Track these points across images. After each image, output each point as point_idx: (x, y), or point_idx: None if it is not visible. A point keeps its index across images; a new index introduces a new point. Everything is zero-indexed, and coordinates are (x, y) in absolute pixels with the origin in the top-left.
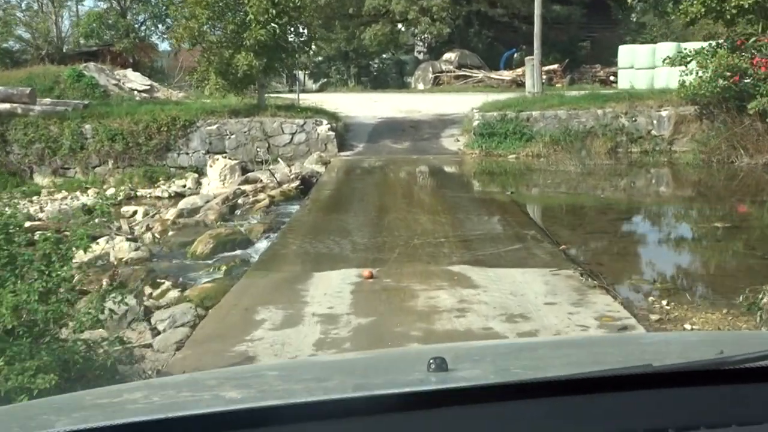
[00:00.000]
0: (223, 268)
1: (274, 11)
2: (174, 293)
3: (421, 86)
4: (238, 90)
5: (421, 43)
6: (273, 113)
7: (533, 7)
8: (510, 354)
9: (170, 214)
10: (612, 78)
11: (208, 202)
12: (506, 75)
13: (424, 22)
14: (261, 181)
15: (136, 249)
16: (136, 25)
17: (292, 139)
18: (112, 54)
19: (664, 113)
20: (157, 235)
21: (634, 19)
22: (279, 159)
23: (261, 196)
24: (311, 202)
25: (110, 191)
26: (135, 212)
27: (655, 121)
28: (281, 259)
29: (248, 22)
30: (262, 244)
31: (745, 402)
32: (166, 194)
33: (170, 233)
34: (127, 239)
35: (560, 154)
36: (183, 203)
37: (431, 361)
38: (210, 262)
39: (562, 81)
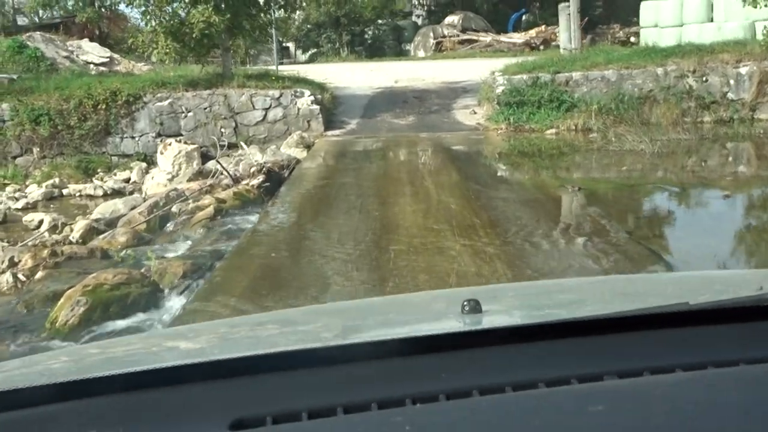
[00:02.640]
0: None
1: None
2: None
3: (421, 53)
4: (197, 55)
5: (419, 7)
6: (241, 84)
7: None
8: (545, 294)
9: (80, 226)
10: (633, 39)
11: (134, 208)
12: (517, 38)
13: None
14: (221, 173)
15: None
16: None
17: (265, 115)
18: (77, 26)
19: (743, 70)
20: (22, 276)
21: None
22: (243, 144)
23: (206, 200)
24: (276, 212)
25: (31, 188)
26: (41, 222)
27: (731, 81)
28: None
29: None
30: (174, 303)
31: None
32: (100, 191)
33: (39, 275)
34: None
35: (617, 127)
36: (99, 210)
37: (465, 303)
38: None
39: (583, 42)
